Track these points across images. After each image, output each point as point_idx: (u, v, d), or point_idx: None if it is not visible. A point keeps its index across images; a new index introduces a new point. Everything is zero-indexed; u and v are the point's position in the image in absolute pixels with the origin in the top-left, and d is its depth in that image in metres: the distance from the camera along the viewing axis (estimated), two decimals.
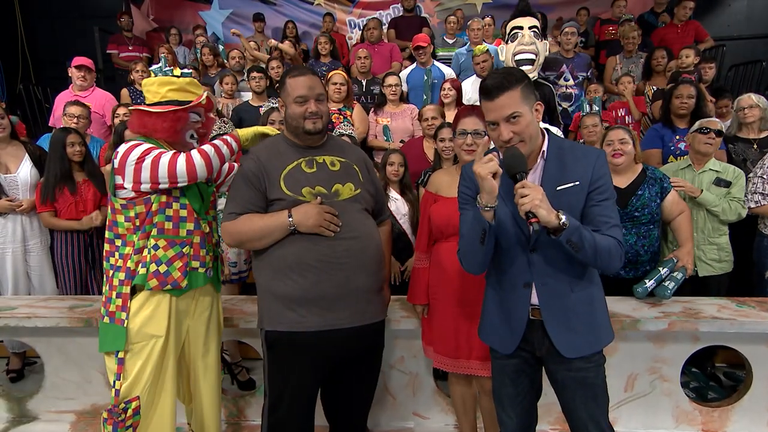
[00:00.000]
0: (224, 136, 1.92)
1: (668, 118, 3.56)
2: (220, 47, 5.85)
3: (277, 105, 3.40)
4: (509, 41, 4.09)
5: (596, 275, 1.66)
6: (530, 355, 1.67)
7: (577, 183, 1.53)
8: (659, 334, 2.36)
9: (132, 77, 4.87)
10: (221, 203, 2.30)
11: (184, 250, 1.87)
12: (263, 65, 4.99)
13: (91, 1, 7.24)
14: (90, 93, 4.37)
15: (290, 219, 1.74)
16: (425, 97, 4.59)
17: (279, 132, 1.99)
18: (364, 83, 4.75)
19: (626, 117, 4.48)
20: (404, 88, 4.48)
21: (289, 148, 1.88)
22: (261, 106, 4.02)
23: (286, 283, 1.76)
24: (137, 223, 1.84)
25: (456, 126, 2.08)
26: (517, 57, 3.98)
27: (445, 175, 2.21)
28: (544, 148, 1.58)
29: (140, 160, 1.76)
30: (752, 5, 6.70)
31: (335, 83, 4.06)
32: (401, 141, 4.01)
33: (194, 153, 1.81)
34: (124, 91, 4.90)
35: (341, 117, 4.02)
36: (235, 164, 2.25)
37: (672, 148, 3.51)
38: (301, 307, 1.75)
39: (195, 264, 1.91)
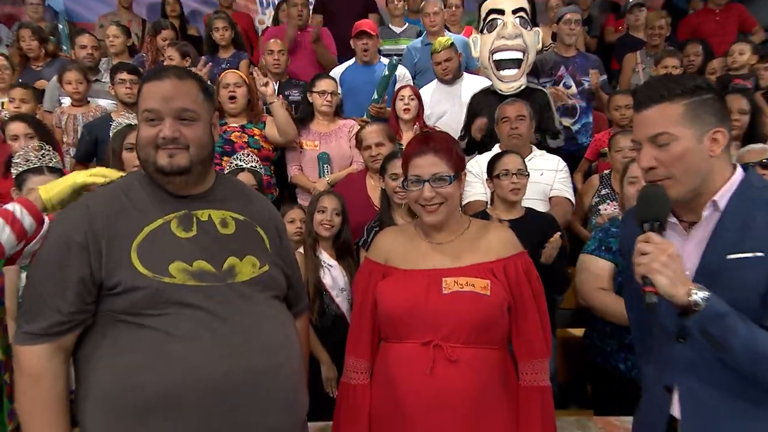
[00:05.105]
0: (8, 206, 1.66)
1: None
2: (60, 26, 5.60)
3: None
4: (485, 30, 4.13)
5: None
6: None
7: (762, 255, 1.46)
8: None
9: None
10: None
11: None
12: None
13: None
14: None
15: None
16: (375, 95, 4.46)
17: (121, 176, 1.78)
18: (276, 87, 4.65)
19: None
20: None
21: (150, 196, 1.68)
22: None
23: None
24: None
25: (406, 169, 1.96)
26: (497, 56, 4.07)
27: (398, 236, 2.07)
28: (723, 193, 1.54)
29: None
30: None
31: (226, 85, 3.92)
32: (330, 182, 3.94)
33: None
34: None
35: (245, 136, 3.89)
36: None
37: None
38: None
39: None
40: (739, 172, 1.57)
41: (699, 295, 1.39)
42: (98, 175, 1.77)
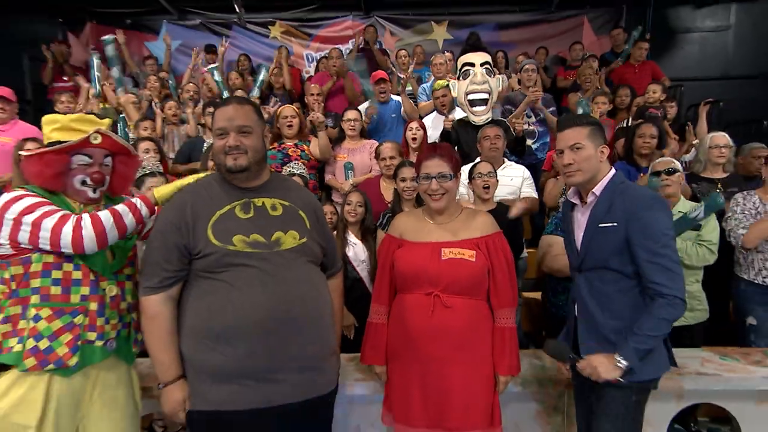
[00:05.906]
0: (133, 199, 1.69)
1: (631, 156, 3.56)
2: (170, 82, 5.68)
3: None
4: (461, 78, 4.11)
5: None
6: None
7: (615, 224, 1.72)
8: None
9: (57, 109, 4.56)
10: None
11: (75, 320, 1.59)
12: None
13: (22, 27, 6.86)
14: (11, 127, 4.04)
15: (160, 386, 1.64)
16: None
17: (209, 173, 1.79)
18: None
19: None
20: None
21: (222, 189, 1.70)
22: None
23: (212, 355, 1.57)
24: (12, 287, 1.58)
25: (418, 169, 1.97)
26: (470, 96, 4.02)
27: (410, 217, 2.08)
28: (598, 186, 1.78)
29: (20, 216, 1.53)
30: (704, 49, 7.31)
31: (285, 117, 3.92)
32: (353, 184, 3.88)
33: (86, 220, 1.56)
34: None
35: (298, 150, 3.88)
36: None
37: None
38: (231, 381, 1.56)
39: (90, 336, 1.62)
40: (612, 173, 1.79)
41: (621, 361, 1.66)
42: (190, 178, 1.79)
